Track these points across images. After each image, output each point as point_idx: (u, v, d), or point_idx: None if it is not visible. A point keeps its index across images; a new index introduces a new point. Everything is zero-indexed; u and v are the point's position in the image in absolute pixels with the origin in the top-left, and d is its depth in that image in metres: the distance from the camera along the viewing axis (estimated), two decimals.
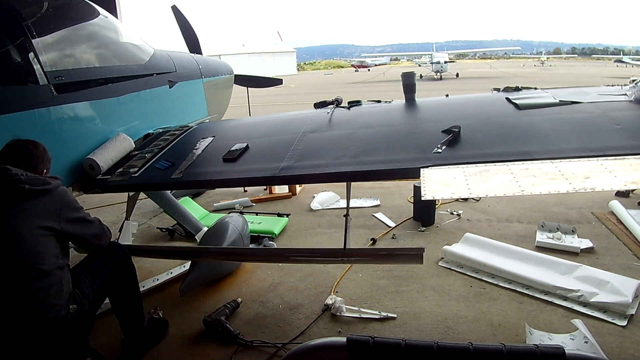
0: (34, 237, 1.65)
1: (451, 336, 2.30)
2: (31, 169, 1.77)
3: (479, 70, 36.31)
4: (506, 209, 4.09)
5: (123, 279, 2.08)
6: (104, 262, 1.99)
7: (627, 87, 2.43)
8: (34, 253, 1.64)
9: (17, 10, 2.23)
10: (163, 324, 2.50)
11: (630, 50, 62.49)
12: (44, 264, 1.65)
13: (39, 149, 1.85)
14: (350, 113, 2.77)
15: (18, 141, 1.83)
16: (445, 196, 1.67)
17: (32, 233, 1.64)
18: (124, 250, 2.12)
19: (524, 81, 11.84)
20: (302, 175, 2.11)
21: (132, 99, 2.92)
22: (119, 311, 2.16)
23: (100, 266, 1.97)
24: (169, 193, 3.41)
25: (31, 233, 1.64)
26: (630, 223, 3.48)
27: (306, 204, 4.59)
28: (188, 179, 2.28)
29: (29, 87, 2.18)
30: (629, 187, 1.54)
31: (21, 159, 1.77)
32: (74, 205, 1.84)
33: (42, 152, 1.86)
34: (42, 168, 1.84)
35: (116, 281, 2.04)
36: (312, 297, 2.76)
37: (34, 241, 1.64)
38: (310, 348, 1.31)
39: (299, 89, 25.97)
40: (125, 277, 2.10)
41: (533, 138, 2.00)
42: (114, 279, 2.02)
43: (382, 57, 57.63)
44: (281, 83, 5.85)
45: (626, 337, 2.21)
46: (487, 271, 2.90)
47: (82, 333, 1.81)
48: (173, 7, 4.66)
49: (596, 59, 62.94)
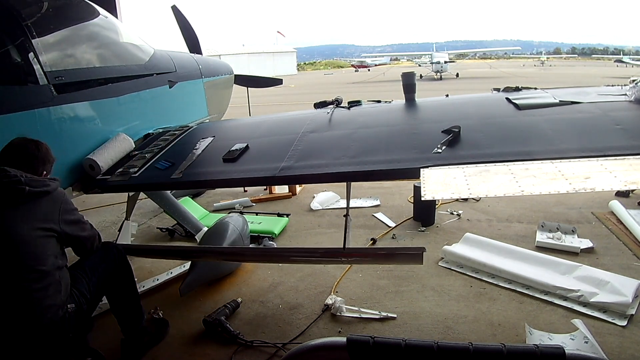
0: (34, 238, 1.65)
1: (451, 336, 2.30)
2: (31, 170, 1.76)
3: (479, 70, 36.32)
4: (506, 209, 4.09)
5: (119, 277, 2.08)
6: (99, 261, 2.00)
7: (627, 87, 2.43)
8: (34, 254, 1.64)
9: (17, 10, 2.23)
10: (163, 324, 2.50)
11: (630, 50, 62.48)
12: (44, 265, 1.65)
13: (41, 151, 1.83)
14: (350, 113, 2.77)
15: (21, 140, 1.82)
16: (445, 196, 1.67)
17: (32, 234, 1.64)
18: (118, 249, 2.12)
19: (524, 81, 11.84)
20: (302, 175, 2.11)
21: (132, 99, 2.92)
22: (117, 310, 2.16)
23: (95, 265, 1.97)
24: (169, 193, 3.41)
25: (31, 234, 1.64)
26: (630, 223, 3.48)
27: (306, 204, 4.59)
28: (188, 179, 2.28)
29: (29, 87, 2.18)
30: (629, 187, 1.54)
31: (22, 160, 1.76)
32: (71, 206, 1.84)
33: (45, 153, 1.85)
34: (42, 170, 1.83)
35: (112, 280, 2.04)
36: (312, 297, 2.76)
37: (34, 242, 1.64)
38: (310, 348, 1.31)
39: (299, 89, 25.96)
40: (121, 275, 2.10)
41: (533, 138, 2.00)
42: (110, 277, 2.02)
43: (382, 57, 57.62)
44: (281, 83, 5.85)
45: (626, 337, 2.21)
46: (487, 271, 2.90)
47: (81, 332, 1.82)
48: (173, 7, 4.66)
49: (596, 59, 62.92)
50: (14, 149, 1.79)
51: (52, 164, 1.90)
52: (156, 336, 2.38)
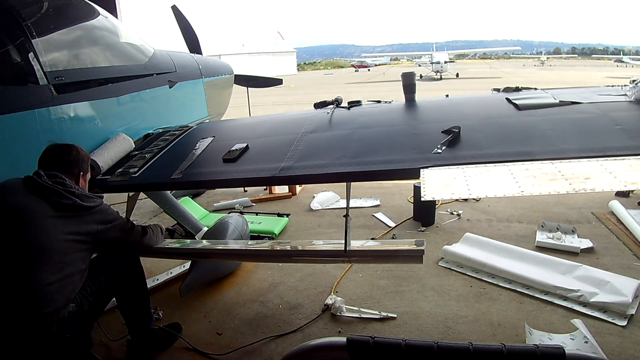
0: (65, 241, 1.72)
1: (451, 336, 2.30)
2: (68, 174, 1.88)
3: (479, 71, 36.30)
4: (506, 209, 4.09)
5: (129, 281, 2.07)
6: (109, 262, 1.99)
7: (627, 87, 2.43)
8: (61, 250, 1.70)
9: (17, 10, 2.22)
10: (175, 328, 2.43)
11: (630, 50, 62.49)
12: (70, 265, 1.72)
13: (71, 154, 1.94)
14: (350, 113, 2.77)
15: (54, 147, 1.95)
16: (445, 196, 1.67)
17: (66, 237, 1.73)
18: (131, 252, 2.09)
19: (524, 81, 11.84)
20: (302, 175, 2.11)
21: (132, 99, 2.92)
22: (126, 312, 2.15)
23: (105, 266, 1.96)
24: (169, 193, 3.41)
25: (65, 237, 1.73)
26: (630, 223, 3.48)
27: (306, 204, 4.59)
28: (188, 179, 2.27)
29: (29, 87, 2.18)
30: (629, 188, 1.54)
31: (57, 164, 1.88)
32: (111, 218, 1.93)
33: (76, 155, 1.96)
34: (77, 171, 1.94)
35: (122, 283, 2.03)
36: (312, 297, 2.76)
37: (65, 244, 1.72)
38: (310, 348, 1.31)
39: (299, 89, 25.95)
40: (132, 279, 2.08)
41: (533, 138, 2.00)
42: (121, 279, 2.01)
43: (382, 57, 57.66)
44: (281, 83, 5.85)
45: (626, 337, 2.21)
46: (487, 271, 2.90)
47: (80, 333, 1.80)
48: (173, 7, 4.66)
49: (596, 59, 62.95)
50: (49, 154, 1.91)
51: (86, 162, 2.03)
52: (165, 340, 2.34)
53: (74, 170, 1.93)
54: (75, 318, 1.74)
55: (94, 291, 1.86)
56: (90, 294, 1.83)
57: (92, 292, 1.85)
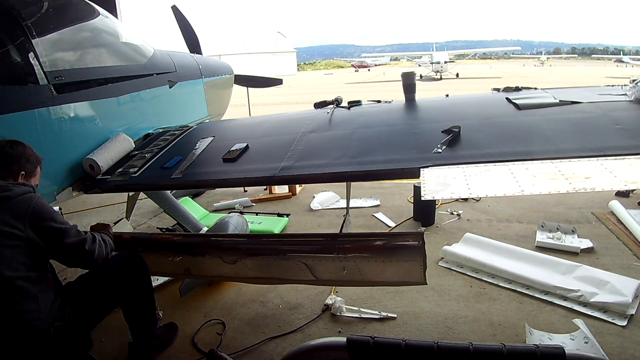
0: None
1: (451, 336, 2.30)
2: (5, 170, 1.69)
3: (479, 71, 36.30)
4: (506, 209, 4.09)
5: (135, 286, 2.03)
6: (112, 272, 1.91)
7: (627, 87, 2.43)
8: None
9: (17, 10, 2.22)
10: (172, 327, 2.44)
11: (630, 50, 62.51)
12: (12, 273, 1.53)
13: (15, 149, 1.74)
14: (350, 113, 2.77)
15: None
16: (445, 196, 1.67)
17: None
18: (134, 257, 2.05)
19: (524, 81, 11.84)
20: (302, 175, 2.11)
21: (132, 99, 2.92)
22: (130, 318, 2.11)
23: (103, 278, 1.87)
24: (169, 193, 3.41)
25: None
26: (630, 223, 3.48)
27: (306, 204, 4.59)
28: (188, 179, 2.28)
29: (29, 87, 2.18)
30: (629, 187, 1.54)
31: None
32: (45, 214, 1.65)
33: (20, 152, 1.75)
34: (17, 169, 1.73)
35: (128, 289, 1.99)
36: (312, 297, 2.76)
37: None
38: (310, 348, 1.31)
39: (299, 89, 25.95)
40: (137, 285, 2.04)
41: (533, 138, 2.00)
42: (124, 286, 1.96)
43: (382, 57, 57.65)
44: (281, 83, 5.85)
45: (626, 337, 2.21)
46: (487, 271, 2.90)
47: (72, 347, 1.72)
48: (173, 7, 4.66)
49: (596, 59, 62.96)
50: None
51: (35, 164, 1.81)
52: (165, 340, 2.34)
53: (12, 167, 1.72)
54: (63, 333, 1.64)
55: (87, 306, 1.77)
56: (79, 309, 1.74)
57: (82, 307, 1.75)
